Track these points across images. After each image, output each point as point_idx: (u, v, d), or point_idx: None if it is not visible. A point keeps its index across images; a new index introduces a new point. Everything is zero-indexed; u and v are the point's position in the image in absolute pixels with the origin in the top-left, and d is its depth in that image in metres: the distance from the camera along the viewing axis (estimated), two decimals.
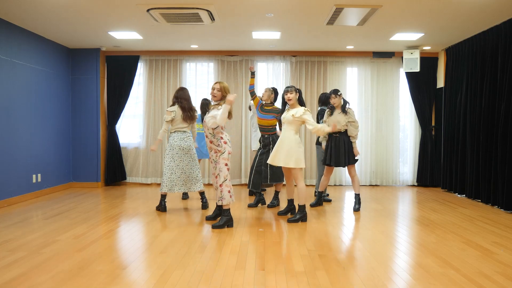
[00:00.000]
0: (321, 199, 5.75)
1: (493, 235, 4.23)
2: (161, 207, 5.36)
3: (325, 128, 4.68)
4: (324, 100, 6.04)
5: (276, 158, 4.73)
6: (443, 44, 7.18)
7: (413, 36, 6.58)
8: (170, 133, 5.36)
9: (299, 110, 4.66)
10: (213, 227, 4.44)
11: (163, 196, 5.37)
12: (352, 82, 8.05)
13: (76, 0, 4.92)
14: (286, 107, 4.87)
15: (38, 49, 6.58)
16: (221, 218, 4.51)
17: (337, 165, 5.38)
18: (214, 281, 2.89)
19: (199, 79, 8.07)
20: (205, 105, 5.80)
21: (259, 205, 5.75)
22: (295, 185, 5.14)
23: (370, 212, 5.39)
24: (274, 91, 5.60)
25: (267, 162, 4.96)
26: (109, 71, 7.90)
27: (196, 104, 6.51)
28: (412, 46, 7.31)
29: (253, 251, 3.63)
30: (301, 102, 4.80)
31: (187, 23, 5.78)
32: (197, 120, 5.87)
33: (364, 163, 7.95)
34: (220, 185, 4.46)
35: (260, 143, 5.55)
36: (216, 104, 4.47)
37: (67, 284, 2.83)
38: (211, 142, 4.48)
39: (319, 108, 6.16)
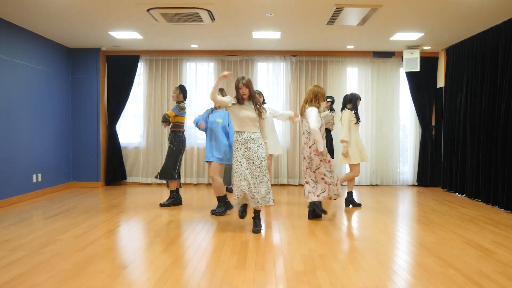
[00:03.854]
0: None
1: (493, 234, 4.23)
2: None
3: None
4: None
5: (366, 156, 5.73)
6: (443, 44, 7.18)
7: (413, 36, 6.58)
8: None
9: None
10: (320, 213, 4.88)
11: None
12: (352, 82, 8.04)
13: (76, 0, 4.93)
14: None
15: (38, 49, 6.58)
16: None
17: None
18: (214, 281, 2.90)
19: (199, 79, 8.06)
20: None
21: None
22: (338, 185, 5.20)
23: (370, 212, 5.39)
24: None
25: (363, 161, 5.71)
26: (109, 71, 7.90)
27: (197, 103, 6.52)
28: (412, 46, 7.30)
29: (253, 251, 3.63)
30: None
31: (187, 23, 5.78)
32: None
33: (364, 163, 7.93)
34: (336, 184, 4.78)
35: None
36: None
37: (68, 284, 2.83)
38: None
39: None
